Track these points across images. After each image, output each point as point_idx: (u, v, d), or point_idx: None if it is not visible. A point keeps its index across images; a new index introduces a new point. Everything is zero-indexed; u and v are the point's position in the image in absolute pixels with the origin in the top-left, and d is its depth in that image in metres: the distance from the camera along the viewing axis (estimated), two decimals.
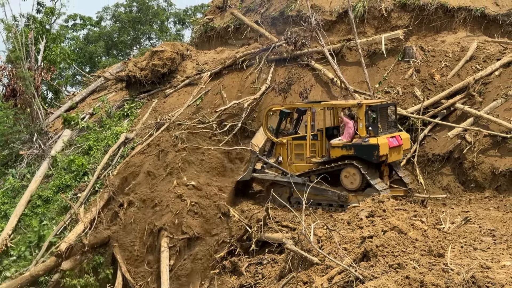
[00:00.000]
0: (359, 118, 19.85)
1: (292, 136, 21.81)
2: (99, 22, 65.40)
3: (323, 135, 21.07)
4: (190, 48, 33.08)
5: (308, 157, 21.00)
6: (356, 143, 19.80)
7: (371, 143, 19.39)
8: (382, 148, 19.26)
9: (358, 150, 19.65)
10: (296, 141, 21.56)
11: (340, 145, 20.04)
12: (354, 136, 20.12)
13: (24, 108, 32.11)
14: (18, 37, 33.75)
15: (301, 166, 21.21)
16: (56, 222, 24.30)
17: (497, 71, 23.44)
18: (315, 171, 20.65)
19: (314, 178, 20.18)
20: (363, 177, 19.61)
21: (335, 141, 20.42)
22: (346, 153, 19.83)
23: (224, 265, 19.46)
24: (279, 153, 21.84)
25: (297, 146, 21.46)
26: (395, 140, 20.11)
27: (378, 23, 27.92)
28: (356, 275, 10.04)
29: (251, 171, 22.20)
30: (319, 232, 13.42)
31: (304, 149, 21.14)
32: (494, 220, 16.25)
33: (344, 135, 20.46)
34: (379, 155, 19.22)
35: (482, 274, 9.25)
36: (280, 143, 21.75)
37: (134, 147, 26.42)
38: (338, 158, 20.07)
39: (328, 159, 20.44)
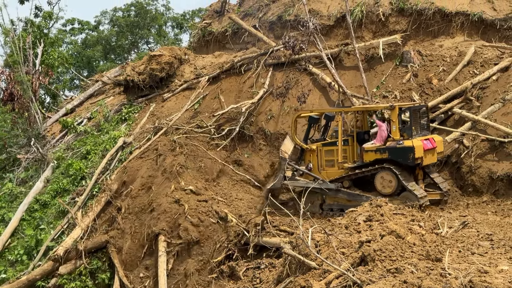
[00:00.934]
0: (392, 121, 19.43)
1: (322, 142, 21.42)
2: (97, 26, 65.52)
3: (354, 140, 20.71)
4: (188, 52, 33.12)
5: (340, 163, 20.56)
6: (390, 146, 19.30)
7: (406, 145, 18.88)
8: (417, 150, 18.72)
9: (393, 153, 19.17)
10: (326, 147, 21.16)
11: (373, 149, 19.59)
12: (387, 139, 19.61)
13: (21, 112, 32.08)
14: (16, 41, 33.75)
15: (333, 172, 20.73)
16: (54, 227, 24.25)
17: (495, 75, 23.46)
18: (348, 176, 20.21)
19: (347, 183, 19.99)
20: (399, 181, 19.08)
21: (368, 145, 19.98)
22: (380, 157, 19.38)
23: (221, 270, 19.41)
24: (308, 160, 21.38)
25: (327, 152, 21.06)
26: (429, 143, 19.52)
27: (376, 28, 27.97)
28: (354, 280, 10.04)
29: (281, 178, 21.48)
30: (317, 237, 13.41)
31: (335, 155, 20.78)
32: (492, 225, 16.25)
33: (376, 138, 19.97)
34: (414, 158, 18.68)
35: (479, 278, 9.25)
36: (310, 150, 21.31)
37: (132, 152, 26.40)
38: (372, 162, 19.60)
39: (361, 163, 19.95)
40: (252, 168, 25.80)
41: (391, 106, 19.49)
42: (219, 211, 21.40)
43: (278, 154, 22.42)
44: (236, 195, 23.35)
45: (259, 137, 26.51)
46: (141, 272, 21.42)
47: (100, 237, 22.60)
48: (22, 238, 24.48)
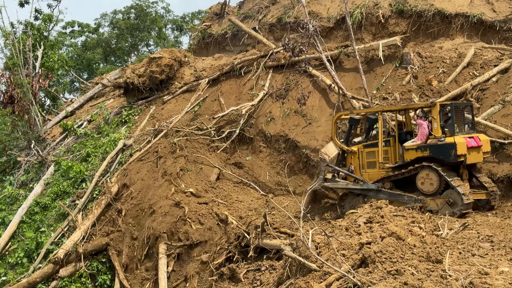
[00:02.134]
0: (433, 118, 18.91)
1: (363, 144, 20.87)
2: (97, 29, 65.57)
3: (396, 141, 20.17)
4: (188, 54, 33.17)
5: (381, 163, 20.09)
6: (431, 144, 18.76)
7: (448, 142, 18.35)
8: (459, 147, 18.16)
9: (434, 150, 18.64)
10: (367, 148, 20.60)
11: (414, 147, 19.10)
12: (428, 137, 19.04)
13: (22, 115, 32.11)
14: (16, 44, 33.78)
15: (374, 174, 20.20)
16: (54, 229, 24.25)
17: (495, 77, 23.45)
18: (389, 177, 19.73)
19: (388, 185, 19.64)
20: (441, 179, 18.49)
21: (409, 143, 19.54)
22: (421, 155, 18.86)
23: (222, 272, 19.41)
24: (350, 162, 20.91)
25: (368, 154, 20.54)
26: (473, 141, 18.87)
27: (376, 30, 28.00)
28: (354, 282, 10.03)
29: (321, 180, 20.99)
30: (317, 239, 13.40)
31: (376, 156, 20.27)
32: (492, 226, 16.25)
33: (417, 136, 19.57)
34: (456, 155, 18.10)
35: (480, 280, 9.25)
36: (351, 152, 20.86)
37: (132, 154, 26.41)
38: (413, 161, 19.11)
39: (402, 163, 19.49)
40: (252, 170, 25.82)
41: (432, 103, 19.13)
42: (220, 213, 21.41)
43: (318, 156, 21.85)
44: (237, 197, 23.36)
45: (259, 139, 26.51)
46: (141, 274, 21.42)
47: (100, 240, 22.60)
48: (22, 240, 24.48)
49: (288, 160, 25.50)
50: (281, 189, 24.90)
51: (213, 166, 25.18)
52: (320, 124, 25.52)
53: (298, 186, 24.80)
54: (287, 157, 25.62)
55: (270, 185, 25.16)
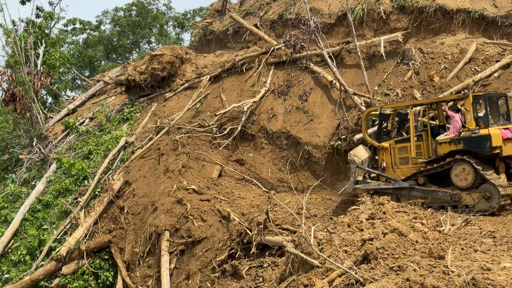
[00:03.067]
0: (466, 110, 18.31)
1: (395, 140, 20.28)
2: (98, 26, 65.56)
3: (429, 135, 19.56)
4: (189, 51, 33.16)
5: (414, 158, 19.53)
6: (465, 136, 18.17)
7: (482, 134, 17.75)
8: (494, 138, 17.55)
9: (468, 143, 18.03)
10: (399, 144, 20.02)
11: (447, 140, 18.51)
12: (461, 129, 18.52)
13: (23, 113, 32.14)
14: (17, 42, 33.80)
15: (407, 169, 19.64)
16: (57, 227, 24.29)
17: (496, 72, 23.41)
18: (422, 172, 19.05)
19: (422, 180, 19.02)
20: (476, 173, 17.78)
21: (442, 137, 18.97)
22: (455, 148, 18.23)
23: (224, 269, 19.44)
24: (382, 158, 20.37)
25: (400, 149, 19.94)
26: (509, 132, 18.19)
27: (377, 26, 27.95)
28: (357, 278, 10.03)
29: (352, 183, 20.36)
30: (319, 235, 13.41)
31: (408, 152, 19.72)
32: (494, 222, 16.23)
33: (450, 129, 19.02)
34: (491, 146, 17.50)
35: (482, 276, 9.24)
36: (383, 148, 20.30)
37: (134, 151, 26.43)
38: (446, 154, 18.45)
39: (435, 157, 18.88)
40: (254, 167, 25.82)
41: (464, 95, 18.60)
42: (222, 210, 21.43)
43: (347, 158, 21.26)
44: (239, 194, 23.36)
45: (261, 136, 26.51)
46: (144, 272, 21.45)
47: (102, 237, 22.63)
48: (25, 238, 24.51)
49: (290, 156, 25.51)
50: (283, 186, 24.92)
51: (215, 163, 25.19)
52: (322, 121, 25.51)
53: (300, 182, 24.81)
54: (289, 154, 25.63)
55: (272, 182, 25.18)
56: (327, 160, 24.54)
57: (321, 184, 23.63)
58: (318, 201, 22.60)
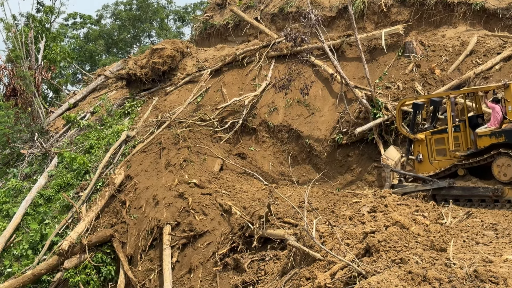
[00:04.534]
0: (507, 101, 17.77)
1: (431, 131, 19.67)
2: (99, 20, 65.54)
3: (466, 126, 18.96)
4: (190, 45, 33.12)
5: (452, 151, 18.89)
6: (506, 129, 17.60)
7: None
8: None
9: (510, 135, 17.38)
10: (435, 135, 19.41)
11: (487, 133, 17.86)
12: (502, 121, 18.00)
13: (24, 108, 32.15)
14: (18, 36, 33.80)
15: (444, 162, 19.07)
16: (58, 221, 24.31)
17: (498, 65, 23.39)
18: (462, 164, 18.45)
19: (462, 172, 18.47)
20: None
21: (482, 129, 18.30)
22: (496, 141, 17.58)
23: (226, 262, 19.44)
24: (418, 150, 19.70)
25: (437, 140, 19.35)
26: None
27: (378, 19, 27.92)
28: (359, 271, 10.05)
29: (388, 187, 19.56)
30: (321, 228, 13.42)
31: (446, 143, 19.11)
32: (496, 214, 16.24)
33: (491, 121, 18.30)
34: None
35: (484, 268, 9.25)
36: (418, 140, 19.67)
37: (135, 145, 26.43)
38: (487, 148, 17.83)
39: (475, 150, 18.27)
40: (255, 161, 25.83)
41: (505, 85, 17.95)
42: (223, 204, 21.43)
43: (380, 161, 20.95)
44: (240, 188, 23.35)
45: (262, 129, 26.52)
46: (145, 265, 21.47)
47: (104, 231, 22.63)
48: (27, 232, 24.54)
49: (291, 150, 25.53)
50: (284, 179, 24.93)
51: (216, 157, 25.19)
52: (323, 114, 25.52)
53: (301, 176, 24.83)
54: (290, 147, 25.64)
55: (273, 175, 25.19)
56: (329, 153, 24.56)
57: (323, 177, 23.65)
58: (320, 194, 22.59)
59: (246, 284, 17.85)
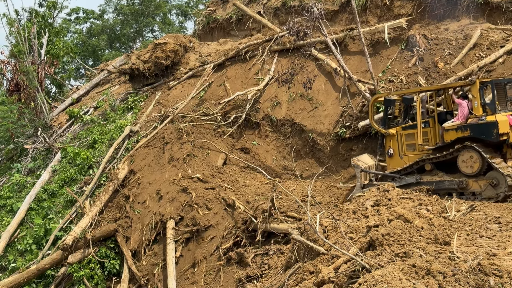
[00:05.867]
0: (473, 96, 18.18)
1: (402, 126, 20.14)
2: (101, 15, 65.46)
3: (435, 121, 19.45)
4: (192, 40, 33.10)
5: (420, 145, 19.40)
6: (471, 123, 18.05)
7: (489, 121, 17.60)
8: (501, 125, 17.40)
9: (475, 130, 17.88)
10: (406, 130, 19.89)
11: (454, 127, 18.35)
12: (468, 116, 18.41)
13: (28, 103, 32.16)
14: (21, 31, 33.78)
15: (414, 156, 19.52)
16: (62, 216, 24.37)
17: (501, 58, 23.33)
18: (430, 159, 18.89)
19: (429, 167, 18.90)
20: (483, 160, 17.59)
21: (448, 123, 18.82)
22: (462, 135, 18.08)
23: (230, 256, 19.48)
24: (389, 145, 20.27)
25: (407, 136, 19.83)
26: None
27: (381, 12, 27.84)
28: (363, 264, 10.05)
29: (359, 187, 20.18)
30: (325, 222, 13.43)
31: (415, 138, 19.60)
32: (499, 208, 16.20)
33: (457, 116, 18.80)
34: (498, 133, 17.36)
35: (488, 261, 9.25)
36: (390, 135, 20.20)
37: (139, 140, 26.45)
38: (453, 141, 18.28)
39: (442, 144, 18.72)
40: (258, 155, 25.83)
41: (471, 81, 18.47)
42: (227, 198, 21.45)
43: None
44: (243, 182, 23.38)
45: (265, 123, 26.52)
46: (149, 260, 21.51)
47: (108, 226, 22.69)
48: (31, 227, 24.61)
49: (294, 144, 25.53)
50: (287, 173, 24.94)
51: (219, 151, 25.19)
52: (326, 108, 25.50)
53: (304, 170, 24.83)
54: (294, 141, 25.64)
55: (276, 170, 25.20)
56: (332, 147, 24.55)
57: (326, 171, 23.65)
58: (323, 188, 22.60)
59: (250, 278, 17.90)
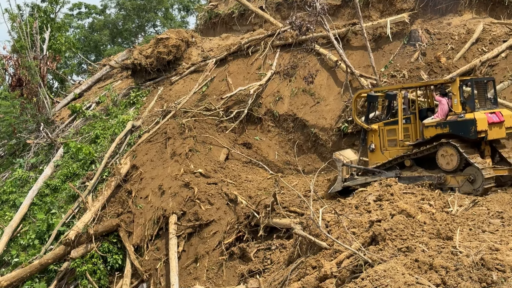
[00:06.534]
0: (453, 94, 18.58)
1: (384, 122, 20.67)
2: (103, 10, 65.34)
3: (417, 118, 19.87)
4: (195, 35, 33.08)
5: (402, 141, 19.85)
6: (451, 120, 18.50)
7: (468, 118, 18.04)
8: (479, 123, 17.85)
9: (454, 127, 18.36)
10: (388, 126, 20.40)
11: (433, 124, 18.86)
12: (448, 113, 18.81)
13: (30, 98, 32.16)
14: (23, 26, 33.78)
15: (395, 151, 20.02)
16: (65, 211, 24.40)
17: (504, 53, 23.30)
18: (408, 155, 19.44)
19: (409, 162, 19.42)
20: (461, 156, 18.09)
21: (428, 120, 19.27)
22: (441, 132, 18.59)
23: (232, 251, 19.51)
24: (371, 140, 20.76)
25: (389, 131, 20.31)
26: (495, 116, 18.48)
27: (383, 7, 27.79)
28: (365, 259, 10.06)
29: (341, 181, 20.84)
30: (327, 217, 13.44)
31: (396, 134, 20.05)
32: (502, 202, 16.19)
33: (437, 113, 19.18)
34: (476, 131, 17.82)
35: (491, 256, 9.26)
36: (372, 130, 20.69)
37: (141, 135, 26.46)
38: (433, 138, 18.82)
39: (422, 140, 19.25)
40: (261, 150, 25.83)
41: (451, 79, 18.86)
42: (229, 193, 21.48)
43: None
44: (246, 177, 23.40)
45: (267, 118, 26.51)
46: (152, 255, 21.55)
47: (111, 221, 22.72)
48: (33, 222, 24.64)
49: (296, 139, 25.51)
50: (290, 168, 24.94)
51: (221, 146, 25.21)
52: (328, 103, 25.47)
53: (307, 165, 24.82)
54: (296, 136, 25.63)
55: (279, 165, 25.20)
56: (334, 142, 24.54)
57: (329, 166, 23.63)
58: (325, 183, 22.61)
59: (252, 273, 17.94)
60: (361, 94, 21.75)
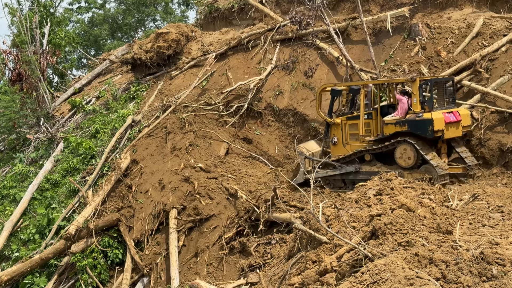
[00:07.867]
0: (413, 93, 19.20)
1: (347, 116, 21.26)
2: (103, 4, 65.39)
3: (378, 114, 20.46)
4: (195, 29, 33.05)
5: (362, 136, 20.45)
6: (409, 119, 19.17)
7: (425, 118, 18.73)
8: (436, 123, 18.53)
9: (412, 125, 19.04)
10: (350, 120, 21.03)
11: (393, 122, 19.49)
12: (408, 112, 19.49)
13: (30, 92, 32.14)
14: (23, 21, 33.73)
15: (356, 146, 20.67)
16: (65, 206, 24.40)
17: (504, 47, 23.29)
18: (367, 150, 20.15)
19: (369, 157, 20.05)
20: (418, 154, 18.89)
21: (388, 117, 19.90)
22: (400, 130, 19.28)
23: (232, 246, 19.51)
24: (333, 134, 21.38)
25: (351, 126, 20.95)
26: (452, 116, 19.23)
27: (383, 1, 27.78)
28: (365, 253, 10.07)
29: (303, 173, 21.50)
30: (327, 211, 13.45)
31: (358, 129, 20.63)
32: (502, 197, 16.22)
33: (397, 111, 19.83)
34: (433, 130, 18.49)
35: (491, 250, 9.27)
36: (335, 124, 21.30)
37: (141, 130, 26.45)
38: (392, 135, 19.51)
39: (382, 136, 19.86)
40: (261, 145, 25.83)
41: (411, 79, 19.34)
42: (229, 187, 21.47)
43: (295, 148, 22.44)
44: (246, 172, 23.40)
45: (267, 113, 26.50)
46: (152, 249, 21.55)
47: (111, 215, 22.71)
48: (34, 217, 24.64)
49: (297, 133, 25.51)
50: (290, 163, 24.93)
51: (222, 141, 25.21)
52: (328, 98, 25.43)
53: None
54: (296, 131, 25.63)
55: (279, 159, 25.20)
56: None
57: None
58: None
59: (253, 268, 17.94)
60: (325, 88, 22.22)
